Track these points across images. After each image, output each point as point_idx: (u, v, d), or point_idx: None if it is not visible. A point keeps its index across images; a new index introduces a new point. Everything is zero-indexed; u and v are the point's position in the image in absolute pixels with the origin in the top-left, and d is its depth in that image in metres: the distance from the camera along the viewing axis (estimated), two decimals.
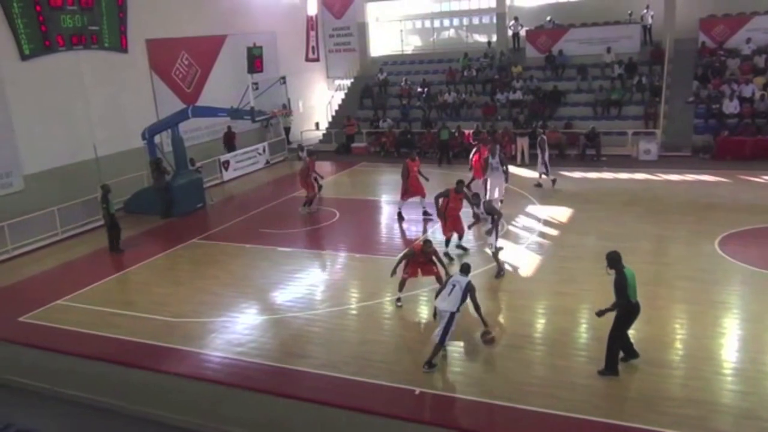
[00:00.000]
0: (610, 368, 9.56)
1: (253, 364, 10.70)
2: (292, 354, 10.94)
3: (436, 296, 10.44)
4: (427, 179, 17.94)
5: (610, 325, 9.67)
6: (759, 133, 22.33)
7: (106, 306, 13.42)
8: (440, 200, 14.51)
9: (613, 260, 9.40)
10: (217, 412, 10.10)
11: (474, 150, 19.56)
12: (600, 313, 9.53)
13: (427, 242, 12.05)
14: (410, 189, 17.59)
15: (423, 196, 17.56)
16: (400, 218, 17.92)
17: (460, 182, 14.73)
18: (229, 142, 25.71)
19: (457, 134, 25.51)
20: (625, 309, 9.39)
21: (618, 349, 9.59)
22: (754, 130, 22.45)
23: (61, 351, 11.67)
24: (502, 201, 17.17)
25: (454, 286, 10.05)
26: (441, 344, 10.03)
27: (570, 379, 9.59)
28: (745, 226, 15.37)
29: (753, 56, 25.19)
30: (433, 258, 12.02)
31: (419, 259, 12.04)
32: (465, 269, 10.40)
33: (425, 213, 17.75)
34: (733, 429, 8.23)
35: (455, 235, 14.83)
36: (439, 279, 11.92)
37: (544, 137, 21.05)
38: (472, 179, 19.14)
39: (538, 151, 20.30)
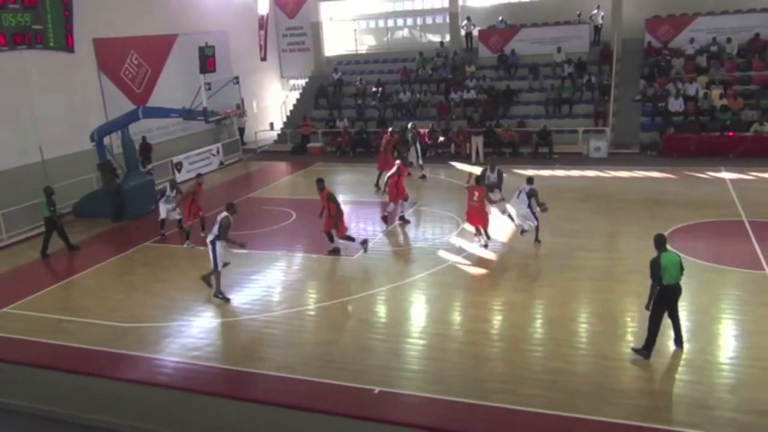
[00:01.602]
0: (645, 347, 9.86)
1: (209, 368, 10.53)
2: (249, 357, 10.82)
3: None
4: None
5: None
6: (703, 131, 23.07)
7: (56, 313, 13.02)
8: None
9: (657, 243, 9.88)
10: (173, 418, 9.93)
11: (384, 144, 21.36)
12: (647, 306, 9.87)
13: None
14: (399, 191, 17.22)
15: (400, 200, 17.46)
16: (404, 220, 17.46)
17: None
18: (145, 153, 23.74)
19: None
20: (659, 291, 9.69)
21: (654, 329, 9.82)
22: (698, 128, 23.18)
23: (7, 360, 11.27)
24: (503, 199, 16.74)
25: (520, 192, 14.88)
26: (537, 221, 14.92)
27: (527, 374, 9.73)
28: (692, 221, 15.85)
29: (696, 56, 26.00)
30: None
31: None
32: (530, 180, 15.08)
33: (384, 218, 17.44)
34: (684, 418, 8.46)
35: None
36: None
37: (418, 131, 23.39)
38: (380, 173, 20.51)
39: (411, 144, 22.36)
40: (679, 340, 10.07)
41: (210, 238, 12.91)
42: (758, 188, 18.74)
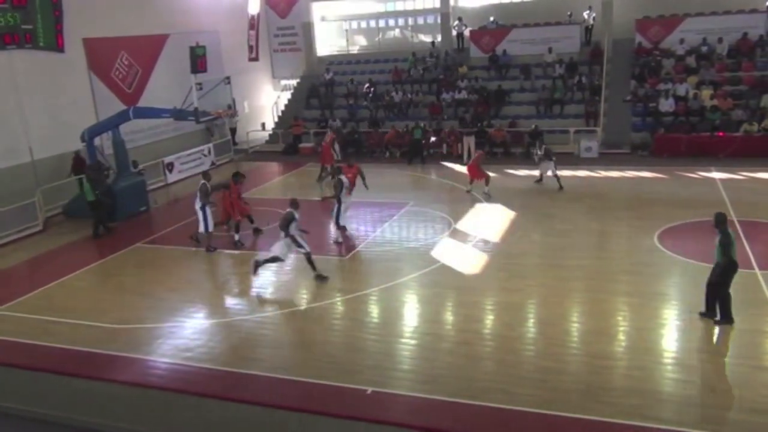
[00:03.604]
0: (725, 316, 10.57)
1: (202, 369, 10.50)
2: (241, 357, 10.80)
3: None
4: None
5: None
6: (693, 131, 23.19)
7: (46, 314, 12.94)
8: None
9: (719, 221, 10.41)
10: (165, 420, 9.91)
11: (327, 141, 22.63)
12: (722, 281, 10.63)
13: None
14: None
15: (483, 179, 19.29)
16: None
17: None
18: (78, 168, 21.01)
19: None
20: (728, 265, 10.33)
21: (727, 298, 10.53)
22: (689, 128, 23.30)
23: None
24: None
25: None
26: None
27: (519, 373, 9.75)
28: (682, 221, 15.94)
29: (686, 56, 26.13)
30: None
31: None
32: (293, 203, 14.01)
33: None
34: (675, 417, 8.50)
35: None
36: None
37: (336, 126, 26.11)
38: (323, 169, 22.06)
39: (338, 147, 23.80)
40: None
41: (199, 205, 15.75)
42: (748, 188, 18.85)
